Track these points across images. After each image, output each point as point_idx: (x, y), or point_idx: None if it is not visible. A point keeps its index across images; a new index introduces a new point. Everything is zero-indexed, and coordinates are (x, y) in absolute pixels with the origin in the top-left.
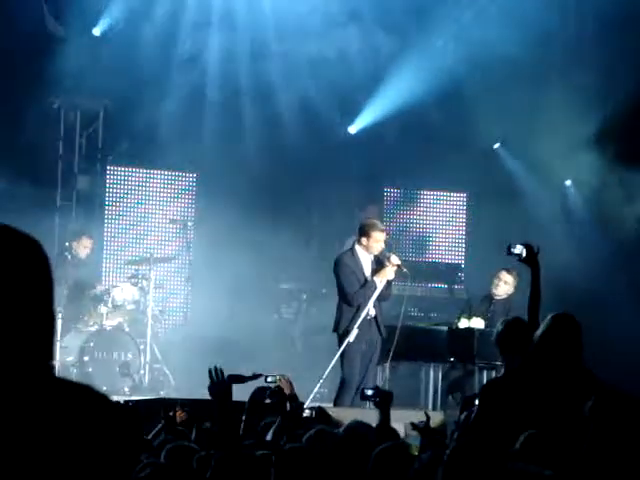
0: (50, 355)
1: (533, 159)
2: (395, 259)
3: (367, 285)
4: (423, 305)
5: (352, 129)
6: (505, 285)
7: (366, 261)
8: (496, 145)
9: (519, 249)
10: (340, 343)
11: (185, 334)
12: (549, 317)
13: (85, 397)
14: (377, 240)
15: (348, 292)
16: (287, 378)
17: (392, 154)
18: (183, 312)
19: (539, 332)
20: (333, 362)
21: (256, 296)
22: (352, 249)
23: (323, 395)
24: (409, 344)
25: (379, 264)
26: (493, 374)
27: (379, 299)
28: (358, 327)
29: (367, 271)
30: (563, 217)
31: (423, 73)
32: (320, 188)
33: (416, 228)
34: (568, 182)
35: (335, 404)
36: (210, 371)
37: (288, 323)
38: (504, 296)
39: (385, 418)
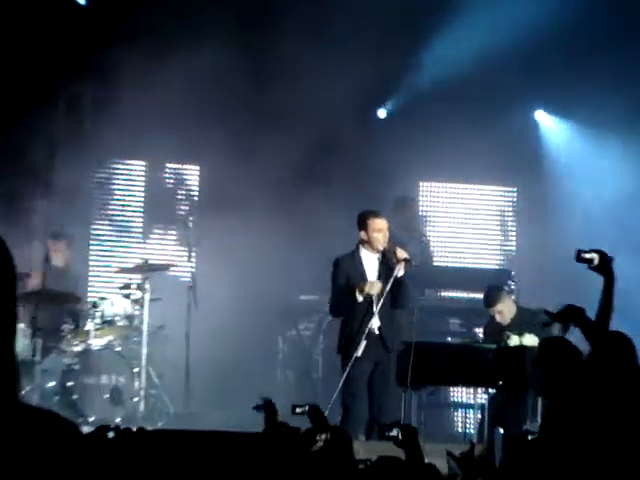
0: (14, 374)
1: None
2: (401, 253)
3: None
4: (466, 318)
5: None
6: (500, 314)
7: (370, 261)
8: None
9: (591, 255)
10: (343, 365)
11: (186, 355)
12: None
13: (50, 427)
14: (376, 229)
15: (331, 301)
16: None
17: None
18: (184, 329)
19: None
20: (340, 386)
21: (270, 310)
22: (354, 249)
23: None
24: (447, 365)
25: (386, 262)
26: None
27: (392, 306)
28: (365, 338)
29: (370, 273)
30: None
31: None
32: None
33: (459, 228)
34: None
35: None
36: None
37: (307, 340)
38: (509, 321)
39: (414, 456)
